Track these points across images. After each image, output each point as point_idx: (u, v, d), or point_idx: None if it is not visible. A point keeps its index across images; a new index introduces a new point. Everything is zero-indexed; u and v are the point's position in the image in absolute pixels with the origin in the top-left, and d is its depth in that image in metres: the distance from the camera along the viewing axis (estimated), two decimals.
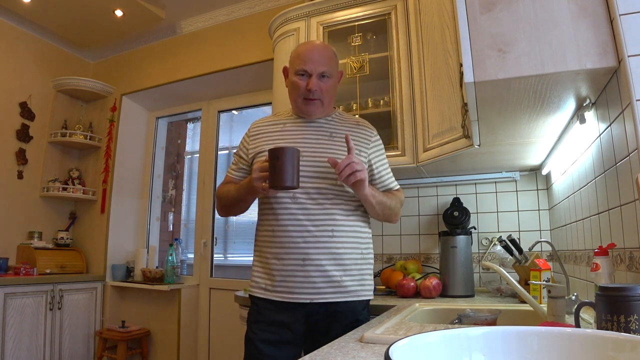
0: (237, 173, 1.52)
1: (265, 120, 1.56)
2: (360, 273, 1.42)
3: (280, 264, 1.37)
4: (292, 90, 1.47)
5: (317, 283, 1.35)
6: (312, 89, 1.41)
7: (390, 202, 1.47)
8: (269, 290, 1.39)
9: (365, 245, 1.46)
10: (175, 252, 3.23)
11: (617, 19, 0.99)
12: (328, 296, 1.36)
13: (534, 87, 1.12)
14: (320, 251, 1.36)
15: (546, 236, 2.13)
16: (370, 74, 2.26)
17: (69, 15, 3.17)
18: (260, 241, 1.46)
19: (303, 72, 1.42)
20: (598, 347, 0.51)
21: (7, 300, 2.68)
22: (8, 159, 3.21)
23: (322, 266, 1.35)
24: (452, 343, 0.53)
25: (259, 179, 1.29)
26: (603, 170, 1.18)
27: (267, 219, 1.43)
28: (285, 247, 1.37)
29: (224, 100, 3.52)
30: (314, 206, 1.38)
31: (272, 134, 1.48)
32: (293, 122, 1.50)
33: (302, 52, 1.45)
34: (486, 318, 1.27)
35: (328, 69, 1.43)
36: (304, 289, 1.35)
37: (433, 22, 1.90)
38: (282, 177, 1.23)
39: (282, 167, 1.23)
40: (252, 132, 1.53)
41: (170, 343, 3.18)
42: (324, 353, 0.85)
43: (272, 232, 1.40)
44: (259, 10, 3.13)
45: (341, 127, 1.49)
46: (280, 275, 1.37)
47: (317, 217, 1.37)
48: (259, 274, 1.43)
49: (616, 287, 0.79)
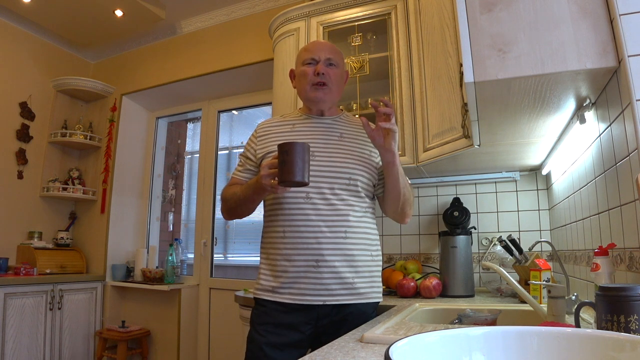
0: (243, 174, 1.49)
1: (272, 121, 1.53)
2: (371, 275, 1.41)
3: (291, 265, 1.34)
4: (300, 80, 1.46)
5: (330, 285, 1.32)
6: (320, 71, 1.41)
7: (406, 182, 1.45)
8: (277, 292, 1.35)
9: (375, 247, 1.45)
10: (175, 252, 3.23)
11: (617, 19, 0.99)
12: (340, 298, 1.33)
13: (534, 87, 1.12)
14: (334, 252, 1.33)
15: (546, 236, 2.13)
16: (370, 74, 2.26)
17: (69, 15, 3.17)
18: (268, 242, 1.42)
19: (311, 61, 1.44)
20: (598, 347, 0.51)
21: (7, 300, 2.68)
22: (8, 159, 3.21)
23: (335, 267, 1.33)
24: (452, 343, 0.53)
25: (268, 176, 1.24)
26: (603, 170, 1.18)
27: (277, 219, 1.40)
28: (297, 247, 1.34)
29: (224, 100, 3.52)
30: (327, 206, 1.35)
31: (282, 134, 1.46)
32: (302, 122, 1.49)
33: (308, 46, 1.49)
34: (486, 318, 1.27)
35: (335, 57, 1.46)
36: (316, 291, 1.32)
37: (433, 22, 1.90)
38: (292, 172, 1.18)
39: (293, 162, 1.18)
40: (259, 132, 1.50)
41: (170, 343, 3.18)
42: (324, 353, 0.85)
43: (283, 233, 1.37)
44: (259, 10, 3.13)
45: (350, 127, 1.49)
46: (291, 277, 1.33)
47: (331, 218, 1.35)
48: (266, 276, 1.39)
49: (616, 287, 0.79)
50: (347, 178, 1.38)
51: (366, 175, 1.42)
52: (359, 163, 1.41)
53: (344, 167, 1.39)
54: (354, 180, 1.39)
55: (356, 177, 1.40)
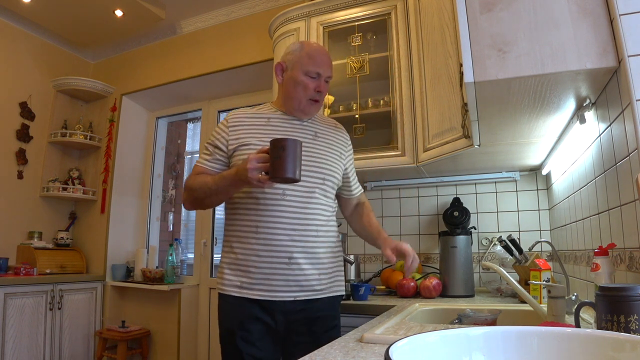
0: (212, 164, 1.43)
1: (244, 112, 1.50)
2: (335, 271, 1.47)
3: (262, 261, 1.34)
4: (297, 88, 1.43)
5: (301, 282, 1.36)
6: (323, 91, 1.44)
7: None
8: (246, 288, 1.35)
9: (338, 245, 1.51)
10: (175, 252, 3.23)
11: (617, 19, 0.99)
12: (310, 294, 1.38)
13: (534, 87, 1.12)
14: (305, 250, 1.37)
15: (546, 236, 2.13)
16: (370, 74, 2.26)
17: (69, 15, 3.17)
18: (235, 236, 1.40)
19: (315, 75, 1.42)
20: (598, 347, 0.51)
21: (7, 300, 2.68)
22: (8, 159, 3.21)
23: (306, 265, 1.37)
24: (452, 343, 0.53)
25: (256, 169, 1.22)
26: (603, 170, 1.18)
27: (248, 214, 1.38)
28: (270, 244, 1.34)
29: (224, 100, 3.52)
30: (301, 205, 1.38)
31: (256, 127, 1.44)
32: (278, 117, 1.48)
33: (313, 54, 1.44)
34: (486, 318, 1.27)
35: (332, 74, 1.48)
36: (288, 287, 1.35)
37: (433, 22, 1.90)
38: (286, 169, 1.18)
39: (287, 158, 1.18)
40: (231, 122, 1.45)
41: (170, 343, 3.18)
42: (324, 353, 0.85)
43: (256, 229, 1.35)
44: (259, 10, 3.13)
45: (323, 127, 1.53)
46: (261, 273, 1.34)
47: (305, 217, 1.38)
48: (233, 271, 1.38)
49: (616, 287, 0.79)
50: (321, 178, 1.42)
51: (337, 177, 1.48)
52: (331, 164, 1.46)
53: (319, 168, 1.42)
54: (327, 180, 1.44)
55: (329, 177, 1.44)
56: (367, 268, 2.43)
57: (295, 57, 1.46)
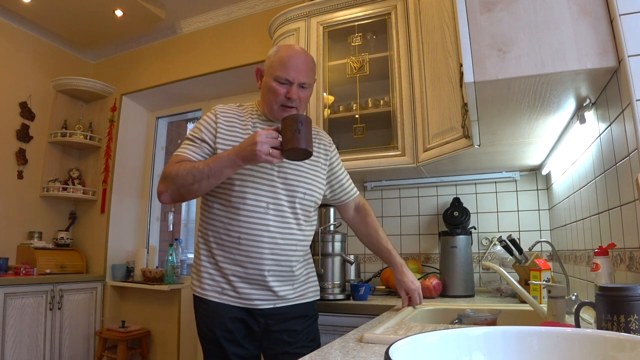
0: (197, 156, 1.35)
1: (233, 111, 1.45)
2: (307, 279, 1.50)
3: (243, 271, 1.35)
4: (269, 94, 1.40)
5: (280, 292, 1.39)
6: (292, 97, 1.37)
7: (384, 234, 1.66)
8: (226, 294, 1.36)
9: (309, 255, 1.54)
10: (175, 252, 3.23)
11: (617, 19, 0.99)
12: (287, 301, 1.41)
13: (534, 87, 1.12)
14: (283, 263, 1.38)
15: (546, 236, 2.13)
16: (370, 74, 2.26)
17: (69, 15, 3.17)
18: (216, 243, 1.38)
19: (284, 81, 1.36)
20: (598, 347, 0.51)
21: (7, 300, 2.68)
22: (8, 159, 3.21)
23: (284, 276, 1.39)
24: (452, 343, 0.53)
25: (267, 144, 1.19)
26: (603, 170, 1.18)
27: (231, 223, 1.35)
28: (252, 256, 1.34)
29: (224, 100, 3.52)
30: (283, 219, 1.38)
31: (243, 132, 1.40)
32: (263, 123, 1.45)
33: (284, 59, 1.37)
34: (486, 318, 1.27)
35: (308, 80, 1.39)
36: (267, 296, 1.37)
37: (433, 22, 1.90)
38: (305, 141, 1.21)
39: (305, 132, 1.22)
40: (221, 120, 1.40)
41: (170, 343, 3.18)
42: (324, 353, 0.85)
43: (238, 239, 1.34)
44: (259, 10, 3.13)
45: None
46: (242, 283, 1.35)
47: (286, 231, 1.38)
48: (212, 276, 1.37)
49: (616, 287, 0.79)
50: (302, 192, 1.41)
51: (318, 191, 1.47)
52: (313, 175, 1.46)
53: (301, 182, 1.42)
54: (309, 195, 1.43)
55: (311, 192, 1.44)
56: (367, 268, 2.44)
57: (269, 61, 1.41)
